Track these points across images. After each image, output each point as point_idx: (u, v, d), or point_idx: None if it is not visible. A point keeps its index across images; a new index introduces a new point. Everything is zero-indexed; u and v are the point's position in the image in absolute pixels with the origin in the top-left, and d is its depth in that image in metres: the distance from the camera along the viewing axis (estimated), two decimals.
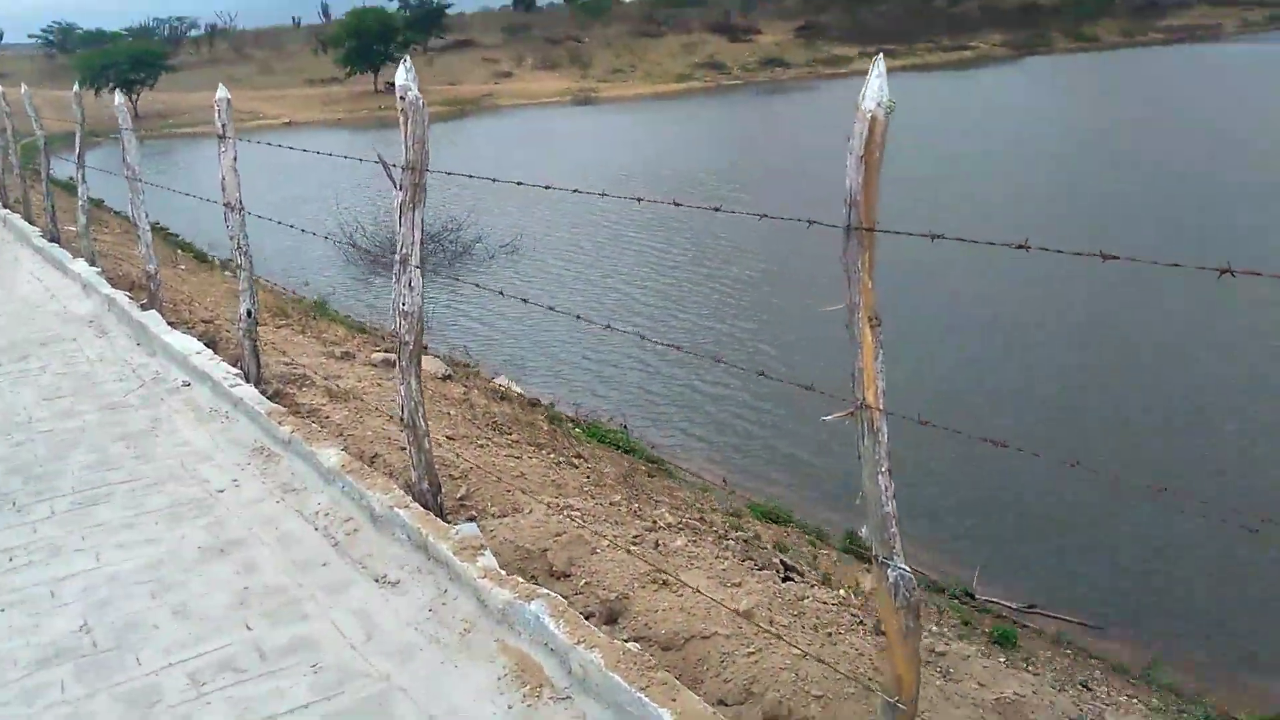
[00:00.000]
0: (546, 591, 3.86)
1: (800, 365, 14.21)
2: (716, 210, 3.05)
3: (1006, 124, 39.82)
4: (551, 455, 6.61)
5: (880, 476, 2.83)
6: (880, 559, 2.86)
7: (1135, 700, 5.33)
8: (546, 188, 3.88)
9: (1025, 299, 16.14)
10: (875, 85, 2.59)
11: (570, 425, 12.82)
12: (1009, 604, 8.43)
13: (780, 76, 74.62)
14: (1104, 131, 35.61)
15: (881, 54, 2.60)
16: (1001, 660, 4.88)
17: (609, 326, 3.77)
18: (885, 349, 2.76)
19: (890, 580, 2.84)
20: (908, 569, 2.85)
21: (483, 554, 4.16)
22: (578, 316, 4.17)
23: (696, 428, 12.95)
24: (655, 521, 5.42)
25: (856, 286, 2.73)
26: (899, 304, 15.75)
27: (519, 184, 4.04)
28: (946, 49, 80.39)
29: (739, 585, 4.68)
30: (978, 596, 8.61)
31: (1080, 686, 5.09)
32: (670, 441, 12.77)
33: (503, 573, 4.02)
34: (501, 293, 4.35)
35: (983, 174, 28.32)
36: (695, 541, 5.23)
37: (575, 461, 6.69)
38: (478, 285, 5.32)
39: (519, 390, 10.14)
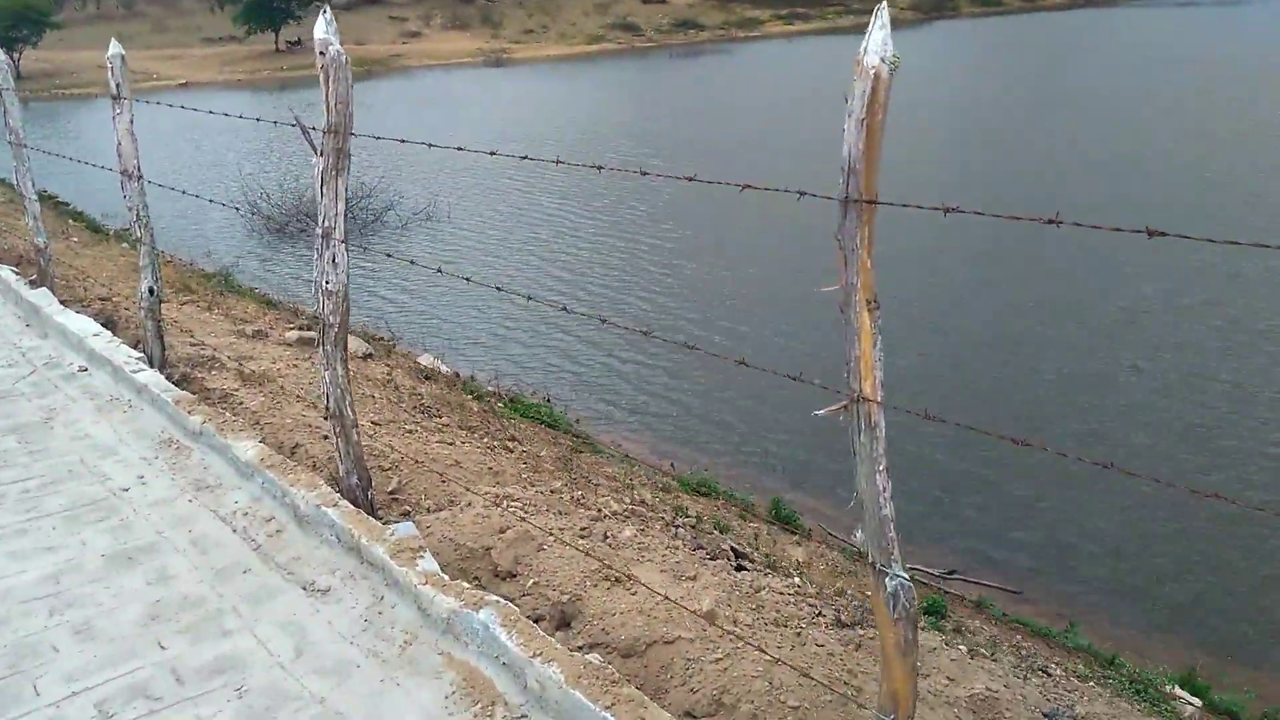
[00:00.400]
0: (496, 598, 3.53)
1: (725, 337, 14.08)
2: (691, 180, 2.73)
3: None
4: (485, 439, 6.25)
5: (878, 476, 2.57)
6: (878, 566, 2.60)
7: (1092, 684, 5.25)
8: (492, 154, 3.50)
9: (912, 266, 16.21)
10: (878, 38, 2.29)
11: (495, 401, 12.47)
12: (930, 571, 8.42)
13: (694, 39, 74.18)
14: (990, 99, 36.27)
15: (885, 4, 2.29)
16: (963, 648, 4.72)
17: (565, 308, 3.42)
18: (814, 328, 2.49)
19: (889, 590, 2.59)
20: (907, 577, 2.60)
21: (422, 556, 3.82)
22: (529, 297, 3.83)
23: (615, 401, 12.74)
24: (600, 510, 5.12)
25: (854, 266, 2.45)
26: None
27: (459, 149, 3.66)
28: (857, 12, 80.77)
29: (694, 579, 4.42)
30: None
31: (1041, 672, 4.98)
32: (591, 415, 12.53)
33: (445, 577, 3.68)
34: (440, 270, 3.97)
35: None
36: (644, 531, 4.95)
37: (510, 445, 6.34)
38: (413, 261, 4.93)
39: (446, 369, 9.68)
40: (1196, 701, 6.49)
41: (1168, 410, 11.02)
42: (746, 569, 5.16)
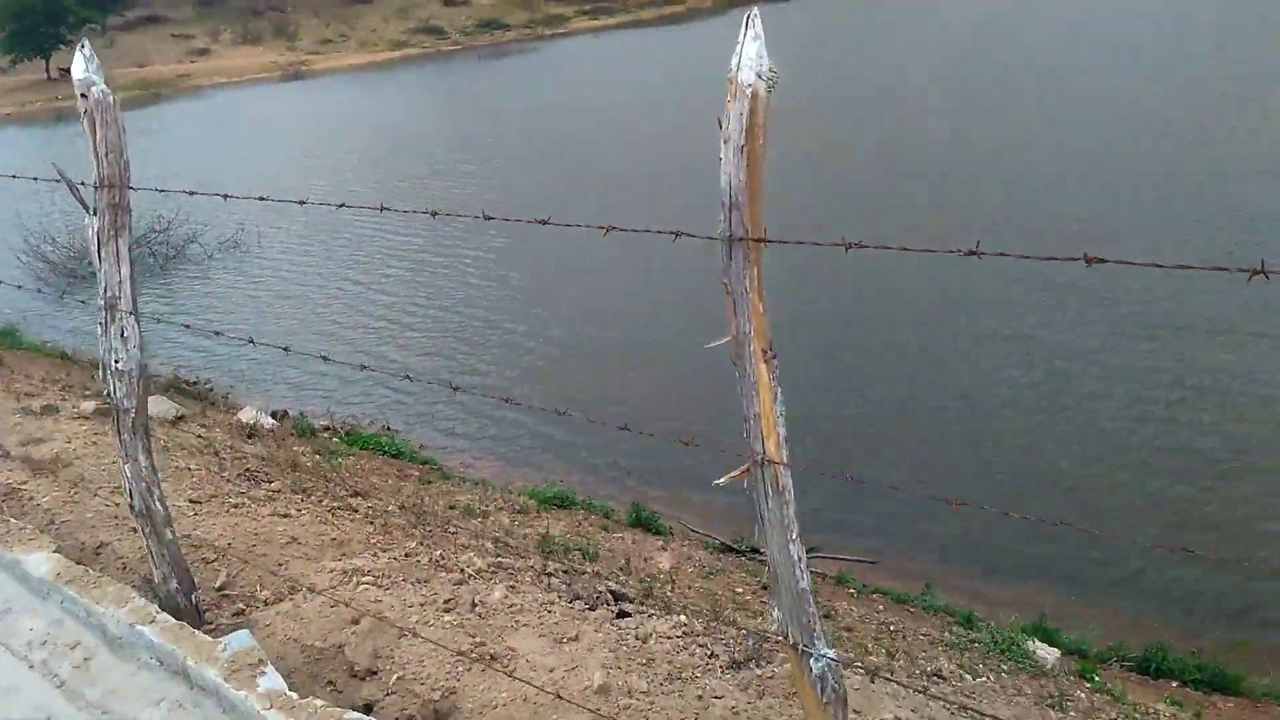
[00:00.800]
0: (356, 715, 3.04)
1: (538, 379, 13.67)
2: (545, 223, 2.34)
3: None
4: (324, 501, 5.65)
5: (792, 546, 2.25)
6: (800, 647, 2.28)
7: (983, 673, 5.16)
8: (301, 203, 2.99)
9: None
10: (752, 50, 1.96)
11: (331, 437, 11.67)
12: None
13: (501, 39, 73.24)
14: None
15: (756, 9, 1.96)
16: (862, 670, 4.52)
17: (408, 377, 2.96)
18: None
19: (815, 672, 2.27)
20: (833, 654, 2.29)
21: (264, 671, 3.28)
22: (362, 367, 3.33)
23: (457, 425, 12.26)
24: (464, 570, 4.66)
25: (745, 312, 2.11)
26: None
27: (262, 199, 3.12)
28: (659, 4, 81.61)
29: (577, 639, 4.04)
30: (762, 550, 8.59)
31: (934, 677, 4.84)
32: (435, 442, 11.97)
33: (294, 696, 3.16)
34: (252, 341, 3.42)
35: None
36: (514, 589, 4.52)
37: (354, 504, 5.76)
38: (218, 333, 4.29)
39: (271, 422, 8.90)
40: (1054, 651, 6.66)
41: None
42: (629, 613, 4.81)
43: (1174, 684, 6.81)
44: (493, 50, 66.75)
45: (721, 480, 2.24)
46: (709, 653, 4.26)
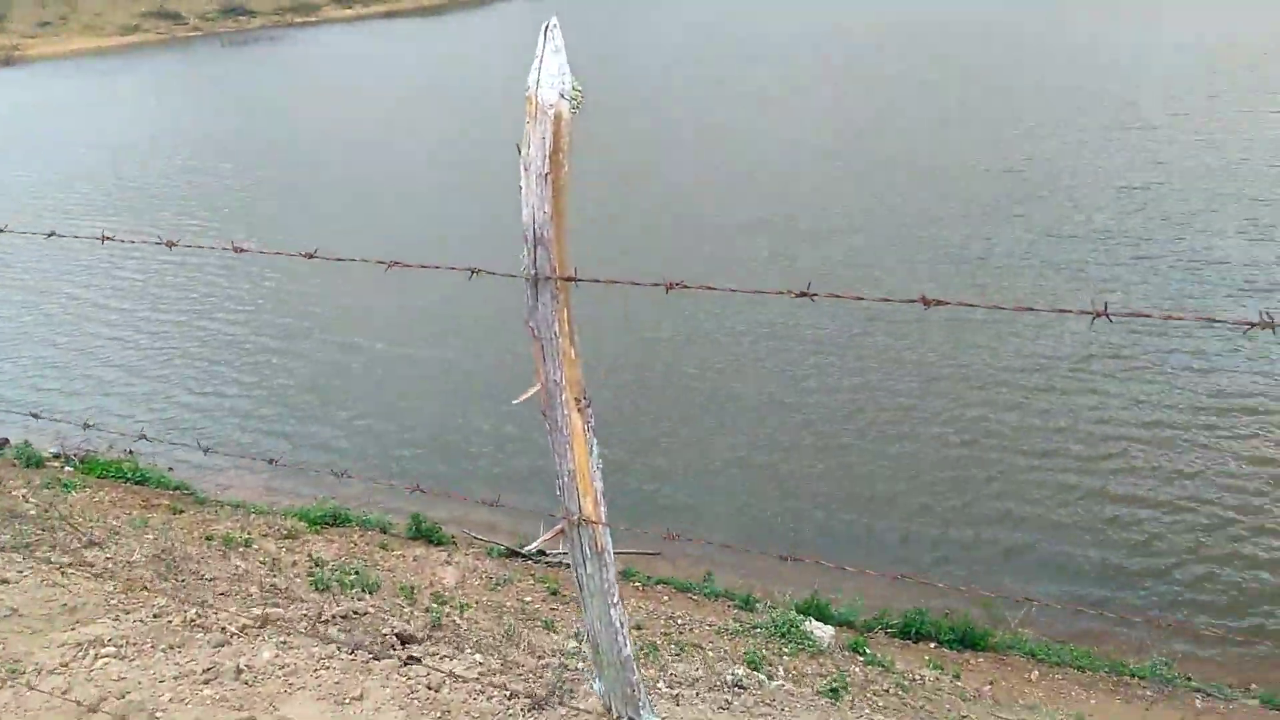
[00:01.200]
0: None
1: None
2: (311, 256, 2.00)
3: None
4: (52, 556, 4.91)
5: (613, 611, 2.03)
6: (625, 719, 2.07)
7: (778, 665, 5.18)
8: (51, 234, 2.46)
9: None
10: (552, 65, 1.71)
11: (61, 467, 10.43)
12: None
13: (246, 25, 68.99)
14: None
15: (555, 19, 1.71)
16: (664, 688, 4.38)
17: (143, 437, 2.50)
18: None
19: None
20: None
21: None
22: (86, 425, 2.82)
23: (212, 441, 11.33)
24: (225, 628, 4.15)
25: (555, 358, 1.87)
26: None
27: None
28: None
29: (361, 699, 3.66)
30: (549, 552, 8.69)
31: (736, 688, 4.79)
32: (186, 463, 11.00)
33: None
34: None
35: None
36: (286, 644, 4.07)
37: (89, 556, 5.05)
38: None
39: None
40: (829, 629, 6.93)
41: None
42: (418, 658, 4.44)
43: (933, 645, 7.28)
44: (237, 37, 62.77)
45: (532, 546, 2.00)
46: (508, 693, 3.98)
